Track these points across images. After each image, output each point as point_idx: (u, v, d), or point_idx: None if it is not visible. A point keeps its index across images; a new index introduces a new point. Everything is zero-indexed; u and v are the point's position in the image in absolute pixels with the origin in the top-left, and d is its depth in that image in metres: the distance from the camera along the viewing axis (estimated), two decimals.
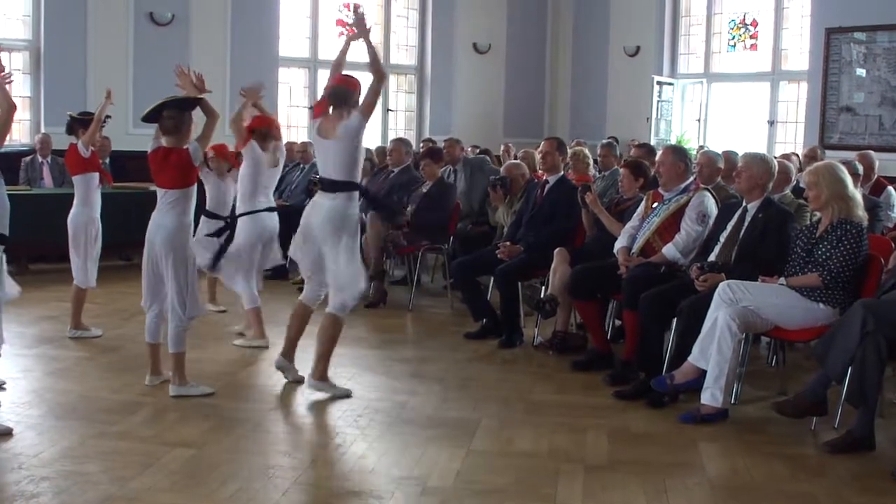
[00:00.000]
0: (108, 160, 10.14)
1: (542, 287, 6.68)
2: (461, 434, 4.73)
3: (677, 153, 6.14)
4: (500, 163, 10.97)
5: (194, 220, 5.52)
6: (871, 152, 8.59)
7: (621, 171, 6.86)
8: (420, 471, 4.22)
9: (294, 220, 5.63)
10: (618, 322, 6.62)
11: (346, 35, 5.65)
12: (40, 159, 10.21)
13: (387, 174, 8.98)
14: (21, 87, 11.03)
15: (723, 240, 5.51)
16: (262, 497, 3.90)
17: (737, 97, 14.02)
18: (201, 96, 5.50)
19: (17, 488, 3.87)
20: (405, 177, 8.74)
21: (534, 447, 4.60)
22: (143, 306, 5.48)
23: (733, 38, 13.96)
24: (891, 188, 8.10)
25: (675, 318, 5.36)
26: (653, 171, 6.67)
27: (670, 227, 5.89)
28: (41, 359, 6.10)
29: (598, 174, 8.70)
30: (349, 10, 13.80)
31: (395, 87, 14.51)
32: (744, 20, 13.81)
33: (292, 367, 5.66)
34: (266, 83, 6.65)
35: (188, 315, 5.31)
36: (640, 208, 6.19)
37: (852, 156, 7.97)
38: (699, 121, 14.15)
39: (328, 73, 5.68)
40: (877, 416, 4.64)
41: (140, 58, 11.42)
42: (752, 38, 13.78)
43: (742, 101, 13.93)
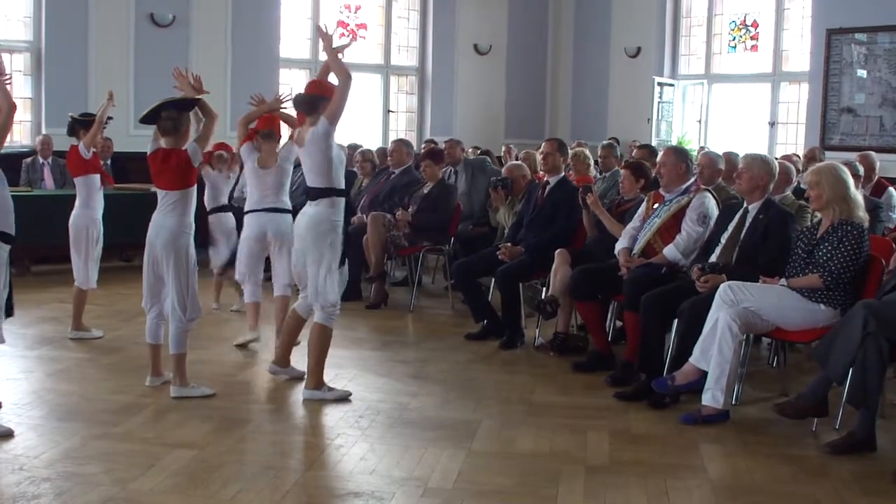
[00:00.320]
0: (109, 161, 10.15)
1: (543, 288, 6.68)
2: (462, 435, 4.73)
3: (678, 154, 6.14)
4: (501, 164, 10.98)
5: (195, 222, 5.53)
6: (872, 153, 8.58)
7: (622, 172, 6.86)
8: (421, 472, 4.22)
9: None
10: (619, 323, 6.63)
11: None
12: (41, 160, 10.21)
13: (388, 175, 8.99)
14: (22, 89, 11.04)
15: (724, 241, 5.51)
16: (263, 498, 3.90)
17: (737, 98, 14.00)
18: (199, 97, 5.50)
19: (17, 489, 3.88)
20: (406, 178, 8.74)
21: (535, 448, 4.60)
22: (144, 307, 5.48)
23: (734, 39, 13.95)
24: (892, 189, 8.09)
25: (676, 319, 5.36)
26: (654, 173, 6.68)
27: (671, 228, 5.89)
28: (42, 360, 6.10)
29: (598, 175, 8.70)
30: (350, 12, 13.83)
31: (395, 88, 14.50)
32: (744, 21, 13.80)
33: (288, 370, 5.68)
34: (287, 93, 6.54)
35: (189, 316, 5.32)
36: (641, 209, 6.20)
37: (853, 157, 7.96)
38: (700, 122, 14.14)
39: (330, 75, 5.62)
40: (878, 417, 4.64)
41: (141, 59, 11.41)
42: (752, 39, 13.77)
43: (743, 102, 13.92)
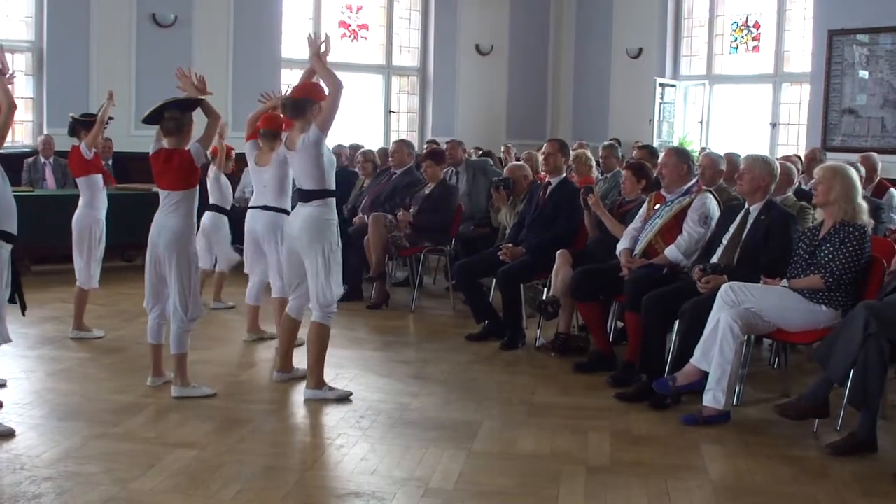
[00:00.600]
0: (110, 161, 10.15)
1: (545, 289, 6.67)
2: (463, 435, 4.73)
3: (680, 155, 6.14)
4: (501, 164, 10.97)
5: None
6: (874, 154, 8.58)
7: (623, 172, 6.86)
8: (422, 472, 4.22)
9: None
10: (620, 324, 6.63)
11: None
12: (43, 160, 10.21)
13: (389, 176, 8.99)
14: (24, 89, 11.03)
15: (725, 242, 5.50)
16: (263, 498, 3.90)
17: (739, 99, 13.99)
18: (202, 97, 5.50)
19: (18, 489, 3.88)
20: (407, 178, 8.74)
21: (536, 449, 4.60)
22: (146, 307, 5.49)
23: (735, 40, 13.94)
24: (893, 190, 8.09)
25: (678, 320, 5.35)
26: (655, 173, 6.68)
27: (672, 229, 5.89)
28: (43, 360, 6.11)
29: (600, 176, 8.70)
30: (352, 12, 13.82)
31: (397, 89, 14.49)
32: (746, 22, 13.79)
33: (291, 372, 5.68)
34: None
35: (190, 316, 5.32)
36: (643, 210, 6.19)
37: (855, 158, 7.95)
38: (701, 123, 14.12)
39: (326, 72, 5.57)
40: (879, 419, 4.63)
41: (142, 59, 11.41)
42: (754, 39, 13.75)
43: (744, 103, 13.90)
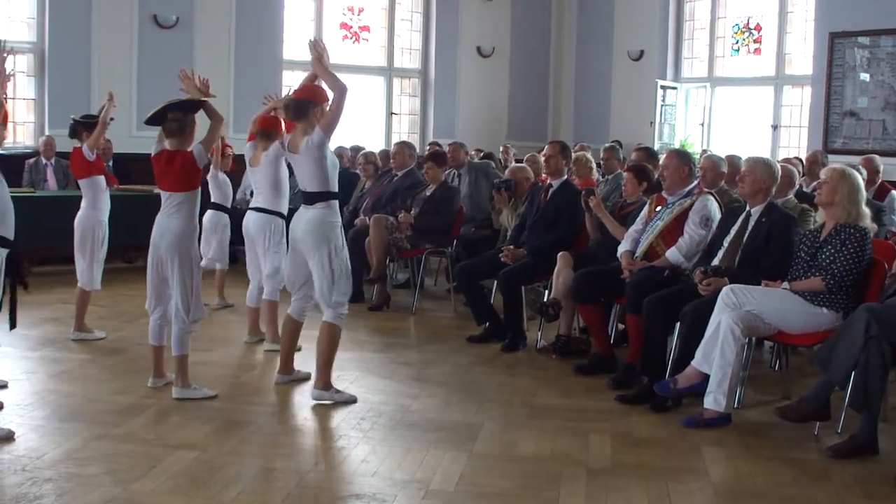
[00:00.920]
0: (111, 163, 10.15)
1: (546, 291, 6.67)
2: (464, 437, 4.73)
3: (681, 157, 6.14)
4: (501, 164, 10.97)
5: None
6: (877, 157, 8.57)
7: (625, 175, 6.86)
8: (423, 474, 4.22)
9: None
10: (621, 326, 6.63)
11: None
12: (44, 161, 10.22)
13: (390, 177, 8.99)
14: (25, 90, 11.06)
15: (726, 244, 5.50)
16: (264, 500, 3.90)
17: (740, 101, 13.97)
18: (205, 99, 5.50)
19: (19, 490, 3.88)
20: (409, 180, 8.75)
21: (537, 451, 4.59)
22: (147, 309, 5.49)
23: (737, 42, 13.93)
24: (894, 192, 8.08)
25: (679, 323, 5.36)
26: (656, 175, 6.68)
27: (674, 231, 5.89)
28: (44, 361, 6.11)
29: (601, 178, 8.69)
30: (353, 14, 13.83)
31: (398, 91, 14.49)
32: (747, 24, 13.78)
33: (293, 374, 5.68)
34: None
35: (192, 318, 5.32)
36: (644, 212, 6.19)
37: (856, 160, 7.94)
38: (703, 125, 14.11)
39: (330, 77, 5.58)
40: (880, 421, 4.63)
41: (144, 61, 11.41)
42: (755, 42, 13.74)
43: (746, 105, 13.88)
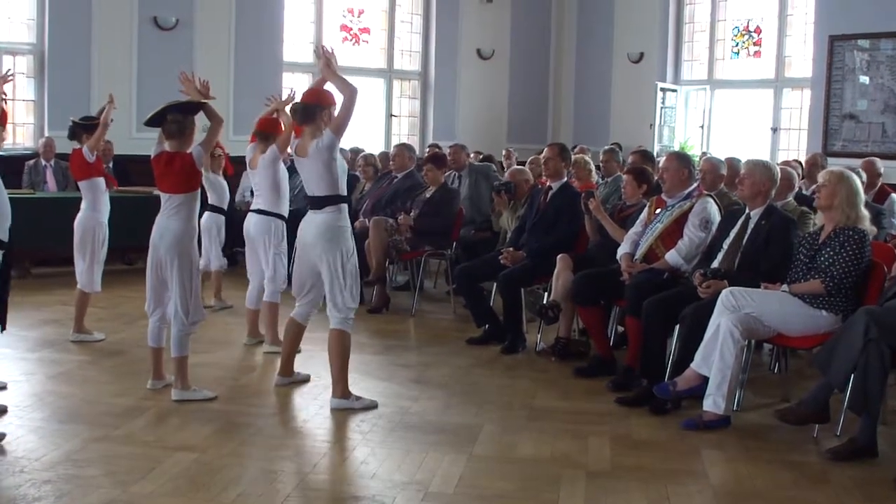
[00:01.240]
0: (111, 164, 10.15)
1: (545, 293, 6.67)
2: (463, 439, 4.73)
3: (681, 160, 6.15)
4: (502, 168, 10.97)
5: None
6: (878, 160, 8.57)
7: (624, 177, 6.86)
8: (422, 476, 4.22)
9: (297, 224, 5.61)
10: (620, 328, 6.63)
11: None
12: (44, 163, 10.22)
13: (390, 179, 9.00)
14: (25, 91, 11.07)
15: (726, 247, 5.51)
16: (264, 501, 3.90)
17: (740, 104, 13.99)
18: (204, 101, 5.51)
19: (18, 492, 3.88)
20: (408, 182, 8.75)
21: (536, 453, 4.59)
22: (147, 310, 5.49)
23: (737, 44, 13.94)
24: (894, 195, 8.08)
25: (678, 325, 5.36)
26: (656, 178, 6.68)
27: (673, 234, 5.89)
28: (43, 362, 6.10)
29: (600, 180, 8.69)
30: (353, 16, 13.83)
31: (398, 93, 14.50)
32: (747, 27, 13.79)
33: (294, 378, 5.68)
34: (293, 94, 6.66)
35: (191, 320, 5.31)
36: (643, 214, 6.19)
37: (856, 163, 7.94)
38: (702, 127, 14.12)
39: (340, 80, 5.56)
40: (879, 424, 4.63)
41: (144, 62, 11.42)
42: (755, 44, 13.76)
43: (745, 107, 13.90)
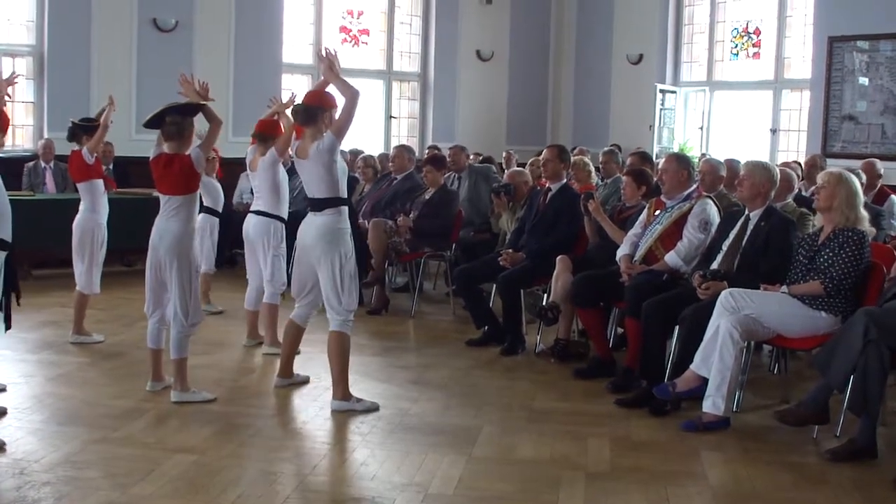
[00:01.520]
0: (111, 166, 10.16)
1: (545, 295, 6.67)
2: (463, 441, 4.73)
3: (680, 161, 6.15)
4: (502, 170, 10.97)
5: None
6: (878, 161, 8.58)
7: (624, 178, 6.87)
8: (421, 477, 4.22)
9: (296, 226, 5.62)
10: (620, 330, 6.63)
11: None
12: (43, 164, 10.22)
13: (390, 181, 9.00)
14: (24, 93, 11.06)
15: (725, 248, 5.51)
16: (263, 503, 3.89)
17: (739, 105, 13.99)
18: (203, 102, 5.51)
19: (18, 493, 3.88)
20: (408, 183, 8.75)
21: (535, 454, 4.59)
22: (146, 312, 5.49)
23: (736, 46, 13.94)
24: (894, 197, 8.09)
25: (678, 326, 5.36)
26: (655, 179, 6.68)
27: (672, 235, 5.90)
28: (43, 364, 6.10)
29: (600, 182, 8.69)
30: (353, 17, 13.84)
31: (398, 94, 14.50)
32: (746, 28, 13.80)
33: (293, 380, 5.68)
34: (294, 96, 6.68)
35: (190, 321, 5.31)
36: (643, 216, 6.20)
37: (856, 164, 7.95)
38: (702, 129, 14.13)
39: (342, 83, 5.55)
40: (879, 425, 4.63)
41: (143, 64, 11.42)
42: (754, 46, 13.76)
43: (744, 109, 13.90)
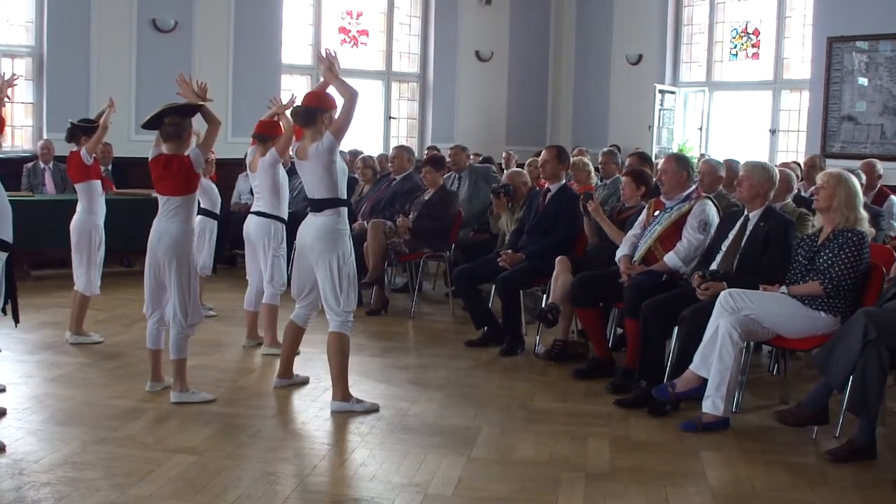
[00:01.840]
0: (110, 167, 10.16)
1: (544, 295, 6.67)
2: (462, 442, 4.73)
3: (680, 161, 6.14)
4: (501, 171, 10.98)
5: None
6: (877, 161, 8.58)
7: (623, 179, 6.86)
8: (421, 478, 4.22)
9: (296, 226, 5.62)
10: (619, 330, 6.63)
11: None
12: (42, 165, 10.22)
13: (389, 181, 9.00)
14: (24, 94, 11.05)
15: (724, 248, 5.51)
16: (263, 503, 3.90)
17: (738, 106, 14.00)
18: (202, 103, 5.51)
19: (17, 494, 3.88)
20: (407, 184, 8.75)
21: (535, 455, 4.59)
22: (145, 313, 5.49)
23: (735, 46, 13.96)
24: (893, 197, 8.09)
25: (677, 327, 5.36)
26: (654, 180, 6.68)
27: (672, 236, 5.90)
28: (42, 365, 6.10)
29: (599, 182, 8.70)
30: (352, 18, 13.84)
31: (397, 95, 14.50)
32: (746, 29, 13.81)
33: (293, 380, 5.68)
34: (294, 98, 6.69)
35: (190, 322, 5.32)
36: (642, 216, 6.19)
37: (855, 165, 7.95)
38: (701, 129, 14.14)
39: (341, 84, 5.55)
40: (878, 425, 4.63)
41: (143, 64, 11.42)
42: (753, 46, 13.78)
43: (744, 109, 13.91)
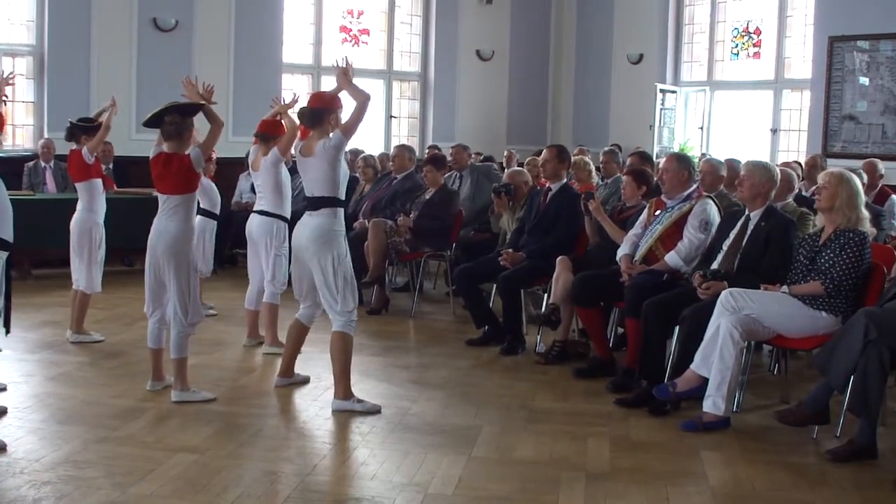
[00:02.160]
0: (111, 166, 10.15)
1: (545, 295, 6.66)
2: (462, 441, 4.73)
3: (681, 161, 6.14)
4: (502, 170, 10.98)
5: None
6: (879, 161, 8.58)
7: (624, 178, 6.86)
8: (421, 477, 4.22)
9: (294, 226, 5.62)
10: (620, 330, 6.62)
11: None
12: (43, 164, 10.21)
13: (390, 181, 9.00)
14: (24, 93, 11.06)
15: (725, 248, 5.51)
16: (263, 503, 3.89)
17: (740, 105, 13.99)
18: (203, 103, 5.50)
19: (18, 493, 3.88)
20: (408, 183, 8.75)
21: (535, 455, 4.59)
22: (146, 312, 5.49)
23: (736, 46, 13.94)
24: (895, 197, 8.09)
25: (678, 326, 5.36)
26: (655, 179, 6.68)
27: (673, 235, 5.89)
28: (43, 364, 6.10)
29: (600, 181, 8.69)
30: (353, 17, 13.84)
31: (398, 94, 14.49)
32: (747, 28, 13.80)
33: (294, 379, 5.68)
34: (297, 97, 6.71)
35: (190, 321, 5.32)
36: (643, 216, 6.19)
37: (857, 164, 7.94)
38: (702, 129, 14.12)
39: (332, 80, 5.59)
40: (879, 425, 4.63)
41: (143, 64, 11.41)
42: (755, 46, 13.76)
43: (745, 109, 13.89)
